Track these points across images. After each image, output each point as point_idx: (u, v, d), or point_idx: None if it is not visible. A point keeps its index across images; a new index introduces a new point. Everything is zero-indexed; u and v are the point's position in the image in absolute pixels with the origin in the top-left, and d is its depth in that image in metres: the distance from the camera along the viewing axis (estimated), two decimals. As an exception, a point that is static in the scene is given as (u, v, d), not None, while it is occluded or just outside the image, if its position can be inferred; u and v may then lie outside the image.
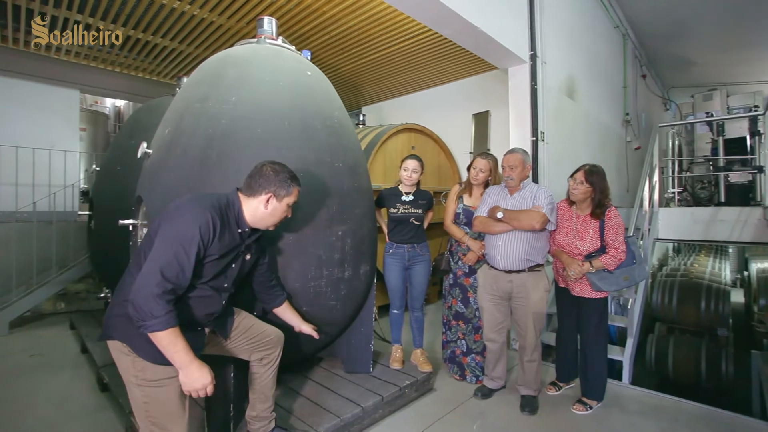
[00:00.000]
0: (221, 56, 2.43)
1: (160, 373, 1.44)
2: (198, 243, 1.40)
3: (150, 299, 1.31)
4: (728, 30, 6.91)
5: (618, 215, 2.51)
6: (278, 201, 1.61)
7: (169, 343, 1.35)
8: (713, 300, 5.61)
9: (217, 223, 1.46)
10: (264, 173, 1.61)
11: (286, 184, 1.61)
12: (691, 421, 2.51)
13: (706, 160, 5.67)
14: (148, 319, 1.31)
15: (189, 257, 1.39)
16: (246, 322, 1.82)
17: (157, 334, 1.33)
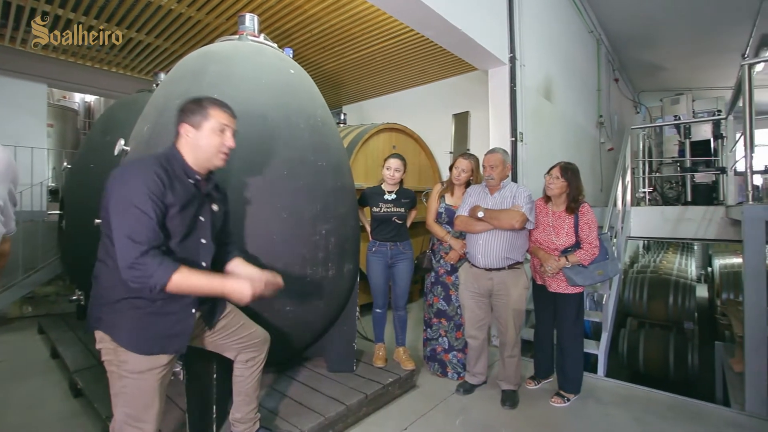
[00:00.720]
0: (202, 52, 2.39)
1: (141, 364, 1.41)
2: (150, 197, 1.34)
3: (136, 266, 1.28)
4: (693, 39, 7.24)
5: (591, 211, 2.62)
6: (197, 129, 1.48)
7: (190, 284, 1.35)
8: (680, 295, 5.88)
9: (162, 175, 1.39)
10: (176, 114, 1.53)
11: (197, 109, 1.49)
12: (661, 410, 2.63)
13: (674, 161, 5.93)
14: (148, 280, 1.29)
15: (148, 213, 1.32)
16: (236, 319, 1.77)
17: (170, 286, 1.31)
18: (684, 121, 5.46)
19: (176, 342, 1.48)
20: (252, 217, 2.02)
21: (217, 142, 1.50)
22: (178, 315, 1.47)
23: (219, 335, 1.72)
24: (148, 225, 1.32)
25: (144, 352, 1.40)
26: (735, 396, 3.07)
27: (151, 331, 1.42)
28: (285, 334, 2.24)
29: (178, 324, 1.47)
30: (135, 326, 1.40)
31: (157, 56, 5.11)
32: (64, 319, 4.09)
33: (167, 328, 1.45)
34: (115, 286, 1.40)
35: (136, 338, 1.39)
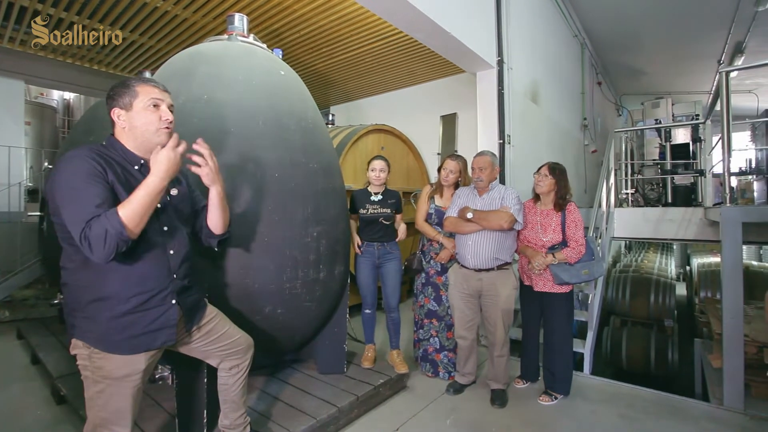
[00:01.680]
0: (191, 52, 2.36)
1: (119, 370, 1.39)
2: (93, 174, 1.28)
3: (86, 235, 1.21)
4: (672, 45, 7.46)
5: (577, 210, 2.69)
6: (129, 110, 1.41)
7: (135, 204, 1.26)
8: (661, 293, 6.06)
9: (99, 159, 1.33)
10: (105, 102, 1.45)
11: (124, 90, 1.41)
12: (646, 406, 2.71)
13: (655, 163, 6.09)
14: (107, 240, 1.21)
15: (88, 189, 1.26)
16: (219, 326, 1.73)
17: (126, 223, 1.23)
18: (664, 125, 5.63)
19: (161, 335, 1.45)
20: (243, 219, 2.00)
21: (153, 119, 1.42)
22: (158, 309, 1.44)
23: (202, 341, 1.68)
24: (90, 198, 1.25)
25: (127, 351, 1.37)
26: (713, 391, 3.17)
27: (131, 331, 1.38)
28: (276, 337, 2.23)
29: (160, 317, 1.44)
30: (112, 328, 1.36)
31: (141, 54, 5.01)
32: (45, 323, 3.97)
33: (148, 325, 1.42)
34: (82, 289, 1.38)
35: (117, 340, 1.35)
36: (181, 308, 1.53)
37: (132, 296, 1.38)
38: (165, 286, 1.46)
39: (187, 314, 1.58)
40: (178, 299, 1.51)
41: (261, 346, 2.09)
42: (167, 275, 1.47)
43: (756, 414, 2.56)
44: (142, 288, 1.40)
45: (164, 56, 5.06)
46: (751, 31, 6.41)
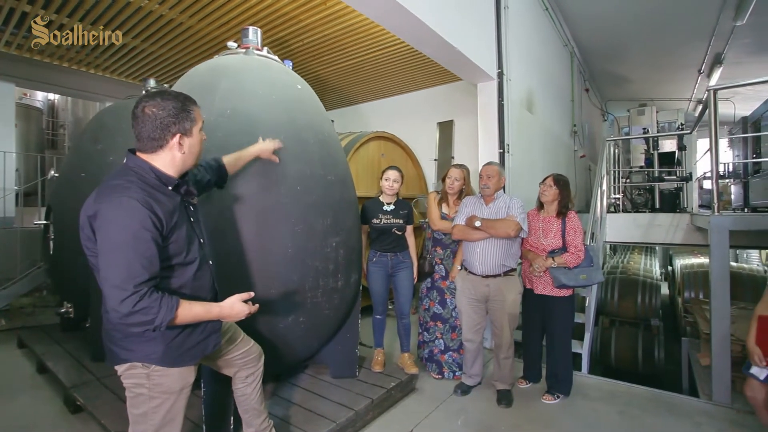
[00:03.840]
0: (210, 66, 2.42)
1: (176, 384, 1.44)
2: (146, 228, 1.25)
3: (135, 313, 1.21)
4: (656, 54, 7.75)
5: (578, 218, 2.84)
6: (189, 136, 1.41)
7: (192, 314, 1.35)
8: (647, 294, 6.30)
9: (150, 202, 1.28)
10: (153, 116, 1.33)
11: (185, 113, 1.39)
12: (642, 403, 2.87)
13: (642, 169, 6.34)
14: (154, 319, 1.24)
15: (144, 249, 1.25)
16: (237, 334, 1.78)
17: (175, 321, 1.30)
18: (653, 135, 5.88)
19: (212, 340, 1.53)
20: (268, 232, 2.07)
21: (201, 146, 1.49)
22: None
23: (225, 349, 1.71)
24: (141, 264, 1.23)
25: (189, 362, 1.45)
26: (702, 387, 3.37)
27: (189, 342, 1.45)
28: (297, 344, 2.31)
29: (209, 324, 1.51)
30: (176, 344, 1.42)
31: (141, 59, 4.99)
32: (46, 331, 3.94)
33: (200, 333, 1.48)
34: None
35: (180, 354, 1.42)
36: None
37: None
38: (212, 294, 1.56)
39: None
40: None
41: (282, 352, 2.17)
42: (212, 285, 1.56)
43: (742, 408, 2.75)
44: (199, 300, 1.46)
45: (164, 62, 5.06)
46: (729, 43, 6.73)
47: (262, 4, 3.66)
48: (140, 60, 5.01)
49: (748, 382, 2.18)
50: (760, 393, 2.15)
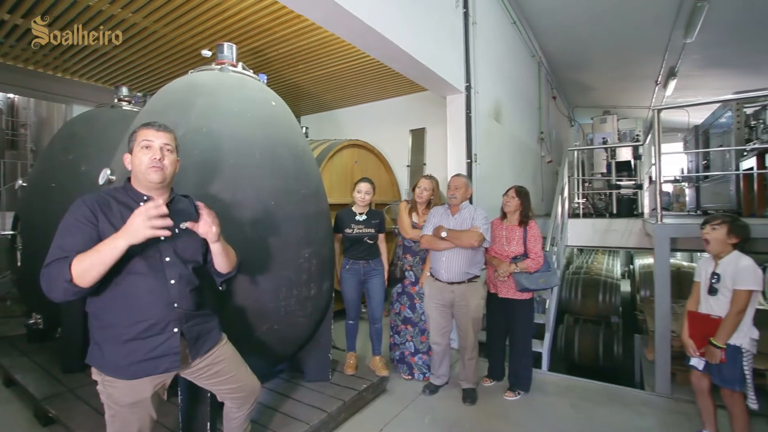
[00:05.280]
0: (185, 83, 2.49)
1: (126, 397, 1.48)
2: (81, 222, 1.39)
3: (42, 276, 1.31)
4: (617, 66, 8.22)
5: (537, 227, 3.07)
6: (132, 153, 1.57)
7: (89, 261, 1.31)
8: (608, 293, 6.69)
9: (96, 205, 1.45)
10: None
11: (131, 136, 1.59)
12: (593, 396, 3.13)
13: (602, 176, 6.73)
14: (54, 281, 1.30)
15: (73, 236, 1.37)
16: (228, 369, 1.73)
17: (73, 272, 1.30)
18: (610, 145, 6.26)
19: (164, 362, 1.50)
20: (244, 245, 2.17)
21: (143, 159, 1.52)
22: (159, 337, 1.49)
23: (209, 379, 1.71)
24: (65, 244, 1.35)
25: (129, 376, 1.45)
26: (648, 380, 3.68)
27: (133, 357, 1.45)
28: (272, 350, 2.42)
29: (162, 345, 1.49)
30: (117, 354, 1.45)
31: (104, 62, 4.88)
32: (12, 343, 3.86)
33: (149, 352, 1.47)
34: (92, 317, 1.49)
35: (121, 365, 1.45)
36: (185, 337, 1.57)
37: (132, 324, 1.45)
38: (165, 315, 1.50)
39: (191, 344, 1.60)
40: (183, 328, 1.55)
41: (258, 359, 2.28)
42: (167, 305, 1.51)
43: (680, 398, 3.05)
44: (141, 316, 1.46)
45: (139, 68, 5.00)
46: (681, 58, 7.22)
47: (238, 16, 3.73)
48: (112, 65, 4.95)
49: (693, 372, 2.44)
50: (703, 381, 2.42)
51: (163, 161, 1.53)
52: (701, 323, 2.37)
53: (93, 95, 5.62)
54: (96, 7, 3.57)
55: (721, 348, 2.22)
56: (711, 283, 2.36)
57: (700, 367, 2.38)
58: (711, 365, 2.32)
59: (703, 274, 2.44)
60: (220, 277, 1.74)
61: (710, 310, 2.36)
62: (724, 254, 2.35)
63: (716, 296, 2.33)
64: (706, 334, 2.30)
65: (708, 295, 2.38)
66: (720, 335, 2.23)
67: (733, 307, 2.22)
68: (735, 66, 7.79)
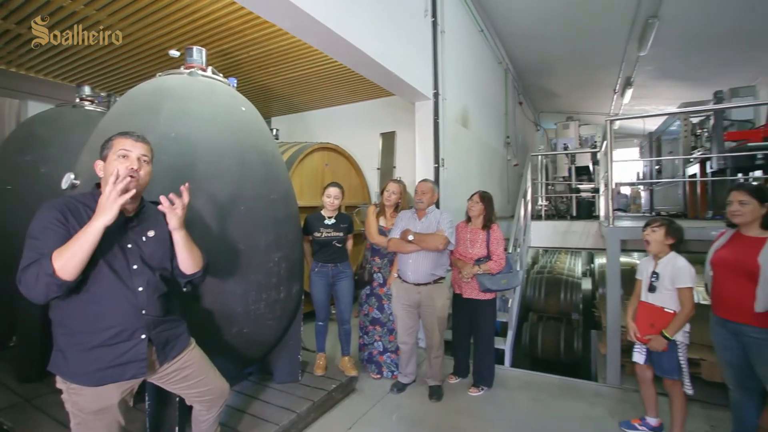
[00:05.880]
0: (154, 88, 2.48)
1: (92, 404, 1.48)
2: (51, 224, 1.39)
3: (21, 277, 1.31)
4: (578, 74, 8.63)
5: (500, 230, 3.23)
6: (105, 161, 1.56)
7: (70, 250, 1.32)
8: (569, 291, 7.02)
9: (65, 209, 1.45)
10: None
11: (105, 144, 1.59)
12: (552, 390, 3.32)
13: (564, 180, 7.06)
14: (37, 278, 1.29)
15: (44, 240, 1.36)
16: (197, 373, 1.75)
17: (57, 267, 1.30)
18: (569, 151, 6.58)
19: (130, 369, 1.50)
20: (213, 249, 2.19)
21: (120, 168, 1.49)
22: (126, 343, 1.49)
23: (177, 384, 1.73)
24: (38, 247, 1.35)
25: (95, 383, 1.45)
26: (601, 373, 3.93)
27: (98, 364, 1.46)
28: (242, 353, 2.45)
29: (128, 352, 1.50)
30: (81, 361, 1.45)
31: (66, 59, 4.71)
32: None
33: (115, 358, 1.47)
34: (56, 325, 1.49)
35: (85, 372, 1.45)
36: (153, 343, 1.58)
37: (98, 331, 1.45)
38: (132, 322, 1.51)
39: (159, 349, 1.62)
40: (150, 334, 1.56)
41: (227, 362, 2.31)
42: (134, 312, 1.51)
43: (628, 387, 3.29)
44: (108, 323, 1.47)
45: (104, 67, 4.84)
46: (636, 69, 7.67)
47: (207, 18, 3.70)
48: (73, 62, 4.77)
49: (637, 365, 2.65)
50: (647, 372, 2.63)
51: (139, 171, 1.55)
52: (651, 313, 2.54)
53: (52, 92, 5.39)
54: (56, 3, 3.46)
55: (669, 339, 2.42)
56: (651, 281, 2.57)
57: (641, 361, 2.59)
58: (652, 358, 2.54)
59: (644, 273, 2.65)
60: (184, 278, 1.71)
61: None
62: (662, 255, 2.57)
63: (655, 293, 2.54)
64: (653, 323, 2.49)
65: (648, 292, 2.59)
66: (671, 328, 2.42)
67: (685, 305, 2.41)
68: (684, 78, 8.35)
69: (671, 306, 2.46)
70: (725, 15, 5.77)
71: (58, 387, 1.51)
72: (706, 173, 4.92)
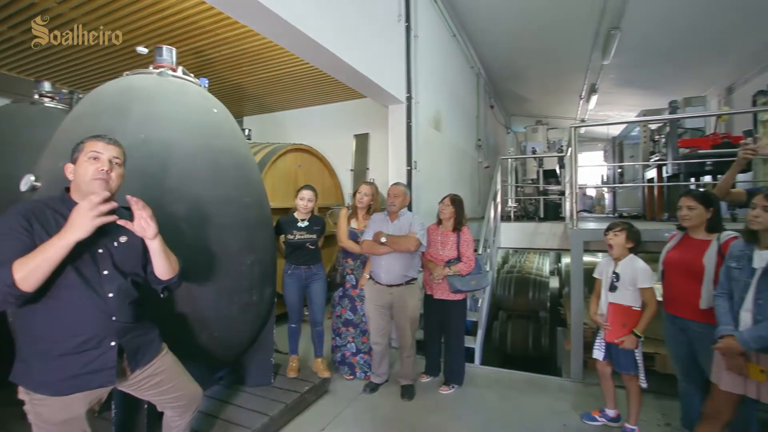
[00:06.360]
0: (121, 87, 2.41)
1: (56, 414, 1.44)
2: (13, 230, 1.35)
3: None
4: (547, 79, 8.94)
5: (470, 232, 3.33)
6: (75, 164, 1.53)
7: (34, 263, 1.28)
8: (537, 290, 7.27)
9: (29, 214, 1.40)
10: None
11: (76, 147, 1.55)
12: (519, 386, 3.46)
13: (532, 182, 7.30)
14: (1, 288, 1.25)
15: (5, 245, 1.33)
16: (168, 379, 1.73)
17: (18, 278, 1.26)
18: (538, 155, 6.83)
19: (99, 377, 1.46)
20: (185, 253, 2.17)
21: (89, 169, 1.49)
22: (95, 351, 1.46)
23: (149, 390, 1.69)
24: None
25: (61, 392, 1.41)
26: (566, 368, 4.11)
27: (66, 372, 1.41)
28: (213, 358, 2.43)
29: (97, 359, 1.46)
30: (47, 369, 1.41)
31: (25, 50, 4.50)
32: None
33: (83, 366, 1.43)
34: (19, 333, 1.45)
35: (52, 381, 1.40)
36: (124, 350, 1.55)
37: (66, 339, 1.41)
38: (102, 329, 1.48)
39: (131, 356, 1.59)
40: (121, 341, 1.53)
41: (199, 365, 2.29)
42: (104, 318, 1.48)
43: (590, 382, 3.46)
44: (76, 330, 1.43)
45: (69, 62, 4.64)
46: (600, 77, 8.03)
47: (178, 16, 3.63)
48: (32, 55, 4.55)
49: (597, 361, 2.79)
50: (606, 368, 2.78)
51: (110, 173, 1.53)
52: (621, 313, 2.69)
53: (7, 86, 5.12)
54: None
55: (639, 337, 2.57)
56: (612, 281, 2.72)
57: (600, 358, 2.75)
58: (611, 355, 2.69)
59: (605, 273, 2.80)
60: (160, 284, 1.69)
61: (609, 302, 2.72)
62: (622, 257, 2.73)
63: (615, 293, 2.70)
64: (625, 323, 2.64)
65: (609, 291, 2.74)
66: (640, 326, 2.57)
67: (650, 304, 2.57)
68: (643, 87, 8.80)
69: (636, 305, 2.62)
70: (679, 30, 6.15)
71: (20, 398, 1.46)
72: (662, 177, 5.22)
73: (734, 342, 1.87)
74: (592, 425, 2.82)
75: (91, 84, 5.14)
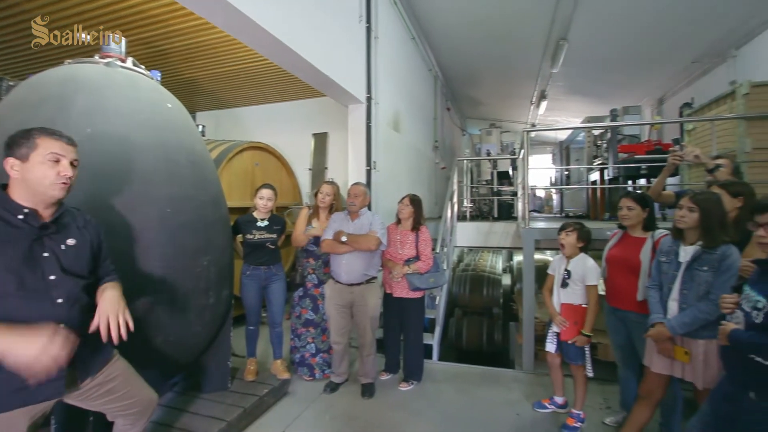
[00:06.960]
0: (63, 77, 2.24)
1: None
2: None
3: None
4: (501, 83, 9.31)
5: (428, 232, 3.42)
6: (24, 162, 1.39)
7: None
8: (491, 287, 7.57)
9: None
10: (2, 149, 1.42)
11: (22, 141, 1.41)
12: (475, 379, 3.59)
13: (486, 183, 7.60)
14: None
15: None
16: (121, 385, 1.65)
17: None
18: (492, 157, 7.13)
19: (46, 389, 1.38)
20: (137, 254, 2.06)
21: (49, 174, 1.40)
22: None
23: (100, 399, 1.61)
24: None
25: (2, 408, 1.32)
26: (518, 361, 4.34)
27: (9, 386, 1.32)
28: (166, 363, 2.32)
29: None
30: None
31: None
32: None
33: (23, 381, 1.31)
34: None
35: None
36: (74, 358, 1.43)
37: None
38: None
39: (81, 365, 1.52)
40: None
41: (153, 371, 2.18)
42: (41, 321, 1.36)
43: (540, 372, 3.68)
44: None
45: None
46: (549, 84, 8.50)
47: (126, 3, 3.41)
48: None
49: (548, 353, 2.96)
50: (555, 359, 2.96)
51: (73, 178, 1.45)
52: (573, 312, 2.85)
53: None
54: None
55: (589, 336, 2.74)
56: (564, 278, 2.90)
57: (552, 350, 2.93)
58: (561, 347, 2.87)
59: (557, 270, 2.98)
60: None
61: (560, 299, 2.89)
62: (574, 255, 2.91)
63: (566, 289, 2.88)
64: (576, 321, 2.81)
65: (561, 287, 2.92)
66: (587, 326, 2.75)
67: (591, 301, 2.75)
68: (588, 95, 9.42)
69: (585, 302, 2.80)
70: (618, 43, 6.65)
71: None
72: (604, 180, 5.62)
73: (664, 329, 2.07)
74: (542, 413, 3.00)
75: (23, 71, 4.71)
